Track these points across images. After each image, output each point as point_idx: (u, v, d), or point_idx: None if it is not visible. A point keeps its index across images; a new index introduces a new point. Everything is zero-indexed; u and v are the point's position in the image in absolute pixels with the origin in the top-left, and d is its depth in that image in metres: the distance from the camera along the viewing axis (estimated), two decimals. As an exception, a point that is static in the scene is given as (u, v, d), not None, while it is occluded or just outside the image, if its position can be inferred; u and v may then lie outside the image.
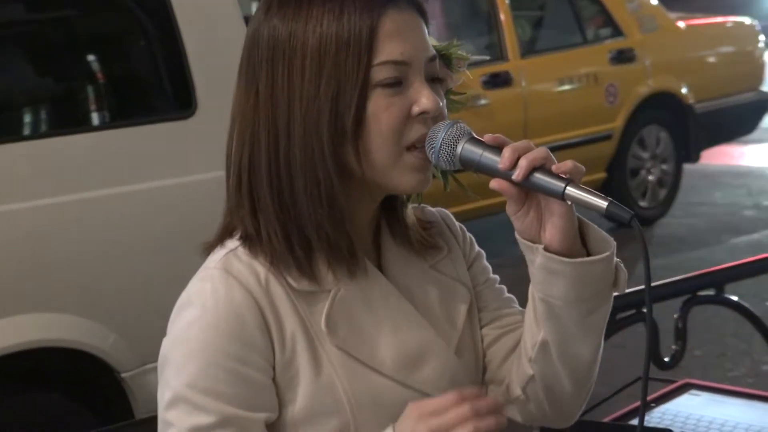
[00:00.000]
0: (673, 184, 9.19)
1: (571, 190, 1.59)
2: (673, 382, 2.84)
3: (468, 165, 1.66)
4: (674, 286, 3.35)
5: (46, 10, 4.43)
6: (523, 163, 1.60)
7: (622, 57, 8.72)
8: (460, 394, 1.57)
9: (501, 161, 1.62)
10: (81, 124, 4.31)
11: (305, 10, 1.65)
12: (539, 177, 1.61)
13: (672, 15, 9.47)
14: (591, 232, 1.69)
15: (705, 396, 2.77)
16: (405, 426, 1.59)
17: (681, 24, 9.47)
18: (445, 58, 1.86)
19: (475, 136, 1.66)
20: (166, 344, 1.70)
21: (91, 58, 4.53)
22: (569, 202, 1.62)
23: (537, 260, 1.68)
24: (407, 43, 1.66)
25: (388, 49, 1.64)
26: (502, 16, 8.06)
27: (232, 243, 1.72)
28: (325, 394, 1.67)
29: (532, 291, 1.73)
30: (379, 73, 1.64)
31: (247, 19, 4.39)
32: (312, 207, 1.66)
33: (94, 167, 4.11)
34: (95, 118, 4.37)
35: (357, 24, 1.63)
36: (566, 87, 8.45)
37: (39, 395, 4.07)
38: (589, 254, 1.68)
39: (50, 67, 4.41)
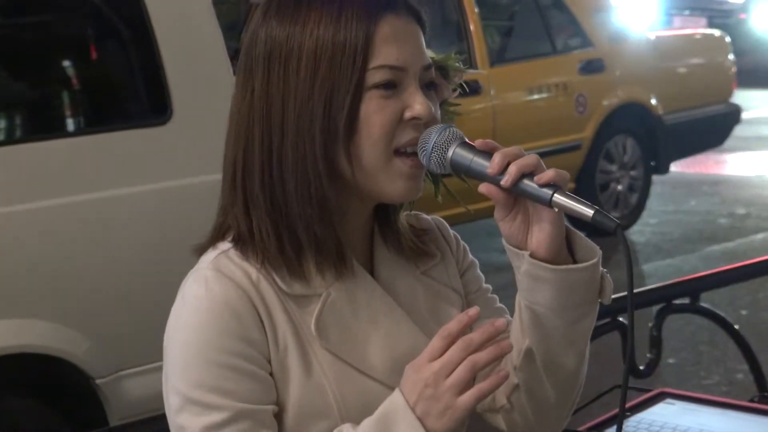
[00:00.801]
0: (643, 188, 9.19)
1: (558, 198, 1.61)
2: (648, 390, 2.83)
3: (458, 169, 1.68)
4: (650, 294, 3.35)
5: (21, 15, 4.44)
6: (512, 169, 1.62)
7: (592, 67, 8.73)
8: (447, 332, 1.60)
9: (490, 166, 1.64)
10: (56, 130, 4.31)
11: (303, 14, 1.68)
12: (527, 183, 1.62)
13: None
14: (577, 240, 1.70)
15: (680, 405, 2.76)
16: (408, 381, 1.61)
17: (651, 35, 9.48)
18: (442, 69, 1.88)
19: (467, 141, 1.68)
20: (168, 350, 1.70)
21: (66, 64, 4.56)
22: (556, 209, 1.63)
23: (523, 267, 1.69)
24: (403, 48, 1.68)
25: (384, 54, 1.66)
26: (472, 26, 8.06)
27: (224, 245, 1.73)
28: (315, 396, 1.68)
29: (519, 299, 1.74)
30: (374, 77, 1.66)
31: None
32: (302, 206, 1.67)
33: (68, 173, 4.11)
34: (70, 124, 4.39)
35: (354, 28, 1.66)
36: (535, 96, 8.45)
37: (12, 401, 4.07)
38: (575, 262, 1.69)
39: (25, 72, 4.42)
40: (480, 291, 1.92)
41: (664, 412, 2.71)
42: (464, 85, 1.96)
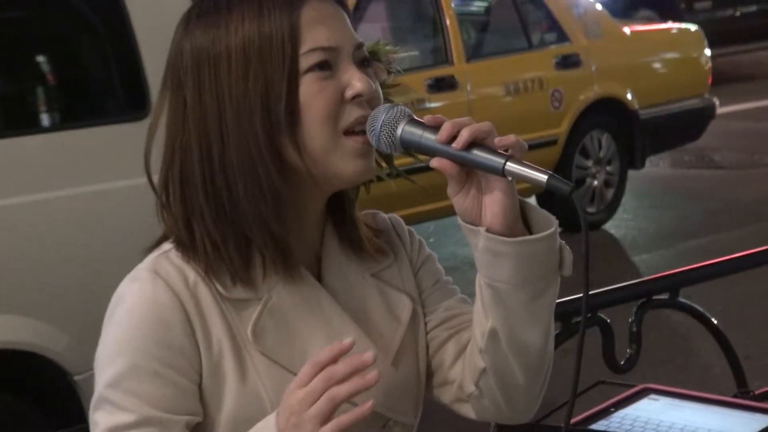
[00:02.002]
0: (619, 183, 9.20)
1: (511, 166, 1.58)
2: (631, 386, 2.81)
3: (409, 146, 1.66)
4: (630, 289, 3.33)
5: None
6: (464, 133, 1.60)
7: (568, 62, 8.74)
8: (314, 361, 1.55)
9: (439, 134, 1.62)
10: (32, 126, 4.30)
11: (225, 16, 1.66)
12: (479, 154, 1.60)
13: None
14: (532, 212, 1.69)
15: (664, 400, 2.76)
16: (283, 405, 1.58)
17: (626, 30, 9.50)
18: (374, 54, 1.90)
19: (416, 118, 1.66)
20: (99, 345, 1.69)
21: (42, 59, 4.53)
22: (510, 178, 1.61)
23: (480, 243, 1.67)
24: (331, 29, 1.68)
25: (313, 36, 1.66)
26: (448, 21, 8.05)
27: (167, 245, 1.72)
28: (251, 402, 1.67)
29: (479, 278, 1.71)
30: (308, 60, 1.65)
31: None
32: (255, 206, 1.65)
33: (45, 169, 4.10)
34: (46, 119, 4.38)
35: (277, 18, 1.65)
36: (511, 92, 8.43)
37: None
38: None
39: (2, 68, 4.41)
40: (439, 283, 1.89)
41: (649, 408, 2.71)
42: (399, 69, 1.96)
